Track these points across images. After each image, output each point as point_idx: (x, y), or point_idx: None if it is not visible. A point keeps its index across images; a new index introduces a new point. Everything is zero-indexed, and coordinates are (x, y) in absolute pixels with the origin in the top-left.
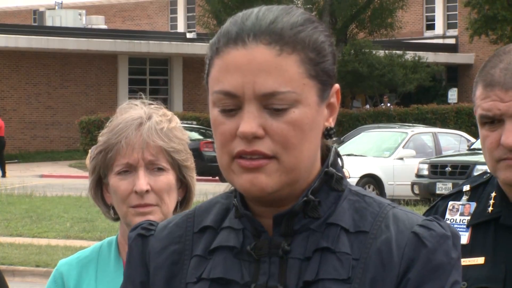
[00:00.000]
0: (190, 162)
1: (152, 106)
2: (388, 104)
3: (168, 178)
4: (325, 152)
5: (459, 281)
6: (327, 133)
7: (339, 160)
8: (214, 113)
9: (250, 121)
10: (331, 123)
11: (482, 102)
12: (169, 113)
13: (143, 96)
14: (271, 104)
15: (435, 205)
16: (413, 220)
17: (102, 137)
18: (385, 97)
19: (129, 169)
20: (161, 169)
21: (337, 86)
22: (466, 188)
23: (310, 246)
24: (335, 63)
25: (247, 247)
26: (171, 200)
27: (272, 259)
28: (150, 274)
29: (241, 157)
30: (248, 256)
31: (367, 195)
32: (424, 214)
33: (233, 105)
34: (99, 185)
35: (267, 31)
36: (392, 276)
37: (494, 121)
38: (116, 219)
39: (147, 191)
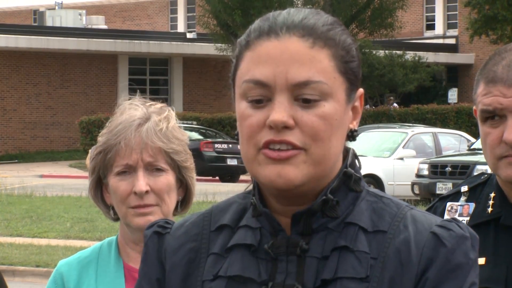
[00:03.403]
0: (190, 163)
1: (152, 104)
2: (395, 104)
3: (168, 178)
4: (344, 153)
5: (477, 282)
6: (351, 134)
7: (356, 161)
8: (241, 106)
9: (281, 110)
10: (355, 126)
11: (484, 98)
12: (169, 112)
13: (138, 96)
14: (303, 95)
15: (433, 206)
16: (432, 220)
17: (101, 138)
18: (390, 98)
19: (129, 170)
20: (160, 170)
21: (361, 90)
22: (464, 189)
23: (328, 245)
24: (360, 67)
25: (264, 245)
26: (171, 200)
27: (290, 257)
28: (166, 272)
29: (268, 148)
30: (265, 254)
31: (384, 196)
32: None
33: (263, 95)
34: (99, 186)
35: (300, 25)
36: (410, 276)
37: (495, 116)
38: (116, 219)
39: (146, 192)
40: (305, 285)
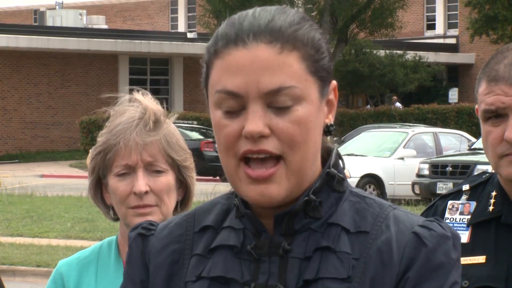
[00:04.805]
0: (190, 162)
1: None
2: (398, 104)
3: (167, 178)
4: (326, 153)
5: (459, 281)
6: (327, 130)
7: (340, 161)
8: (216, 115)
9: (255, 120)
10: (331, 119)
11: (486, 97)
12: (167, 112)
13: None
14: (276, 102)
15: (434, 204)
16: (414, 220)
17: (101, 138)
18: (394, 97)
19: (128, 171)
20: (160, 170)
21: (334, 82)
22: (466, 187)
23: (310, 246)
24: (331, 60)
25: (247, 246)
26: (171, 201)
27: (272, 258)
28: (150, 273)
29: (248, 164)
30: (248, 255)
31: (367, 197)
32: (422, 214)
33: (236, 105)
34: (99, 185)
35: (267, 30)
36: (392, 275)
37: (497, 115)
38: (116, 219)
39: (146, 192)
40: (287, 285)
